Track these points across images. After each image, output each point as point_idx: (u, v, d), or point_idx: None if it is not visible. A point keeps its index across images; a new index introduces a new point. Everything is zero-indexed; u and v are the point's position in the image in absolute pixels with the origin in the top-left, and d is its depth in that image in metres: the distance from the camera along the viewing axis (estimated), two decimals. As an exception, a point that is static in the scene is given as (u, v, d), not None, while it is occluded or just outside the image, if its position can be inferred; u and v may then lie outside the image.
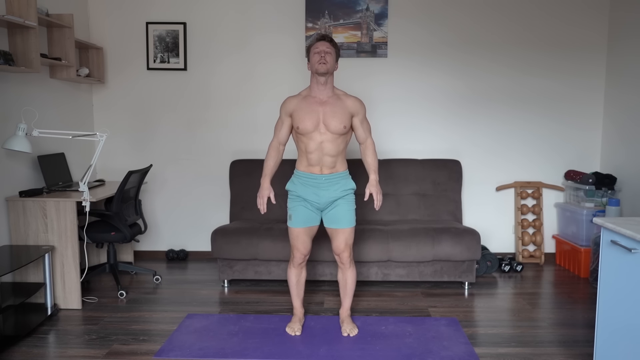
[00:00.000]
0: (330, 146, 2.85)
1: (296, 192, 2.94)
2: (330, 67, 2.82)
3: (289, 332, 3.04)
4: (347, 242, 2.95)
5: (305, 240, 2.97)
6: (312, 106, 2.85)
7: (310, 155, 2.87)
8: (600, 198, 4.24)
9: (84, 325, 3.19)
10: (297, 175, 2.95)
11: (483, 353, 2.81)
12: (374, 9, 4.44)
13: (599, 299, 2.29)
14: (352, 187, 2.96)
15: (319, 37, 2.89)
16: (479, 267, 4.16)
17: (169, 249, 4.70)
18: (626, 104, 4.19)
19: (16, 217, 3.35)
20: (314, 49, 2.85)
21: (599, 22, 4.45)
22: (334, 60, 2.86)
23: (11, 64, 3.17)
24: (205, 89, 4.57)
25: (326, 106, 2.84)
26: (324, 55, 2.80)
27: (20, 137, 3.25)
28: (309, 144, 2.85)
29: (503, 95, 4.54)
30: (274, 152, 2.98)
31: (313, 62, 2.82)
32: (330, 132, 2.83)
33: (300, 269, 3.05)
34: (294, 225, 2.95)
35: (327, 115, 2.82)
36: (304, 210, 2.93)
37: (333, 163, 2.89)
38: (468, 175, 4.61)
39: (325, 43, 2.84)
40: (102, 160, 4.60)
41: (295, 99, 2.91)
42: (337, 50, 2.90)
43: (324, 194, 2.89)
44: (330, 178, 2.89)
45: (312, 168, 2.89)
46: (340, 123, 2.82)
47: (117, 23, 4.51)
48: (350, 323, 3.08)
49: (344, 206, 2.92)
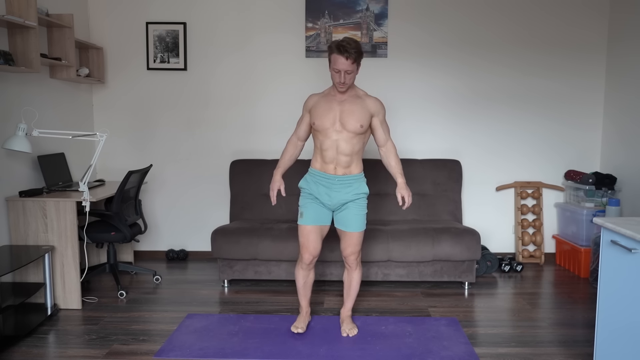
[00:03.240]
0: (345, 145, 2.81)
1: (308, 190, 2.91)
2: (350, 84, 2.77)
3: (293, 330, 3.01)
4: (354, 246, 2.92)
5: (315, 239, 2.90)
6: (330, 104, 2.82)
7: (325, 153, 2.83)
8: (600, 198, 4.24)
9: (84, 325, 3.19)
10: (311, 174, 2.92)
11: (483, 353, 2.81)
12: (374, 9, 4.44)
13: (599, 299, 2.29)
14: (365, 191, 2.91)
15: (339, 48, 2.66)
16: (479, 267, 4.16)
17: (169, 249, 4.70)
18: (626, 104, 4.19)
19: (16, 217, 3.35)
20: (333, 62, 2.70)
21: (599, 22, 4.45)
22: (355, 75, 2.77)
23: (11, 64, 3.17)
24: (205, 88, 4.57)
25: (345, 105, 2.81)
26: (344, 80, 2.71)
27: (20, 137, 3.25)
28: (325, 141, 2.83)
29: (503, 95, 4.54)
30: (291, 146, 2.99)
31: (333, 79, 2.75)
32: (346, 130, 2.79)
33: (308, 270, 3.00)
34: (305, 222, 2.89)
35: (345, 114, 2.79)
36: (316, 207, 2.89)
37: (348, 163, 2.84)
38: (468, 175, 4.61)
39: (345, 62, 2.66)
40: (102, 160, 4.60)
41: (317, 96, 2.91)
42: (359, 63, 2.73)
43: (335, 195, 2.86)
44: (343, 180, 2.85)
45: (326, 166, 2.85)
46: (357, 122, 2.78)
47: (117, 23, 4.51)
48: (350, 323, 3.08)
49: (354, 210, 2.88)
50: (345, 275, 3.06)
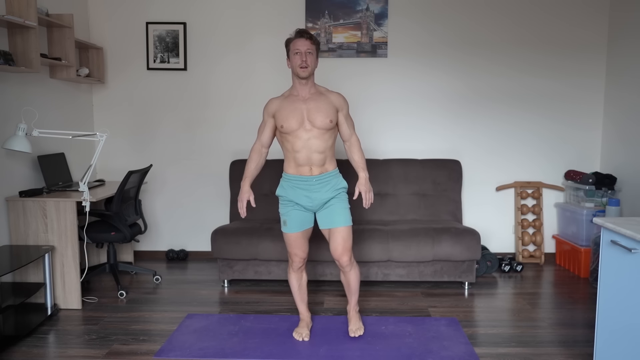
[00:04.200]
0: (317, 142, 2.78)
1: (287, 197, 2.86)
2: (312, 69, 2.76)
3: (297, 338, 2.97)
4: (344, 244, 2.83)
5: (302, 243, 2.90)
6: (295, 104, 2.80)
7: (298, 155, 2.80)
8: (600, 198, 4.24)
9: (84, 325, 3.19)
10: (286, 179, 2.87)
11: (483, 353, 2.81)
12: (374, 9, 4.44)
13: (599, 299, 2.29)
14: (344, 185, 2.89)
15: (297, 33, 2.77)
16: (479, 267, 4.16)
17: (169, 249, 4.70)
18: (626, 104, 4.19)
19: (16, 217, 3.35)
20: (293, 48, 2.74)
21: (599, 22, 4.45)
22: (315, 58, 2.79)
23: (11, 64, 3.18)
24: (205, 88, 4.57)
25: (309, 103, 2.79)
26: (305, 59, 2.71)
27: (20, 137, 3.25)
28: (296, 142, 2.79)
29: (503, 95, 4.54)
30: (256, 155, 2.90)
31: (294, 65, 2.75)
32: (316, 127, 2.77)
33: (300, 272, 2.99)
34: (290, 230, 2.86)
35: (312, 112, 2.77)
36: (298, 214, 2.86)
37: (322, 161, 2.82)
38: (468, 175, 4.61)
39: (305, 42, 2.73)
40: (102, 160, 4.60)
41: (278, 100, 2.86)
42: (317, 47, 2.79)
43: (316, 196, 2.82)
44: (321, 179, 2.82)
45: (301, 169, 2.81)
46: (326, 117, 2.77)
47: (117, 23, 4.51)
48: (357, 322, 3.04)
49: (338, 204, 2.84)
50: (342, 277, 3.01)
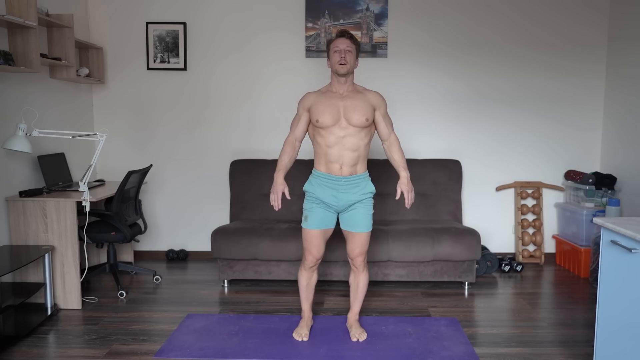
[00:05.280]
0: (352, 140, 2.76)
1: (314, 194, 2.83)
2: (351, 67, 2.76)
3: (296, 338, 2.96)
4: (362, 247, 2.86)
5: (319, 243, 2.87)
6: (331, 100, 2.78)
7: (330, 150, 2.77)
8: (600, 198, 4.24)
9: (84, 325, 3.19)
10: (316, 176, 2.84)
11: (483, 353, 2.81)
12: (374, 9, 4.44)
13: (599, 299, 2.29)
14: (372, 190, 2.87)
15: (339, 33, 2.80)
16: (479, 267, 4.16)
17: (169, 249, 4.70)
18: (626, 105, 4.19)
19: (16, 217, 3.35)
20: (333, 46, 2.77)
21: (599, 22, 4.45)
22: (355, 58, 2.79)
23: (11, 64, 3.17)
24: (205, 88, 4.57)
25: (347, 100, 2.77)
26: (344, 55, 2.73)
27: (20, 137, 3.25)
28: (329, 137, 2.76)
29: (503, 95, 4.54)
30: (289, 147, 2.88)
31: (333, 62, 2.76)
32: (352, 125, 2.75)
33: (312, 272, 2.97)
34: (310, 226, 2.84)
35: (349, 109, 2.75)
36: (321, 211, 2.83)
37: (354, 160, 2.78)
38: (468, 175, 4.61)
39: (345, 41, 2.76)
40: (102, 160, 4.60)
41: (314, 94, 2.85)
42: (357, 47, 2.80)
43: (343, 197, 2.80)
44: (350, 180, 2.79)
45: (331, 166, 2.78)
46: (362, 115, 2.75)
47: (117, 23, 4.51)
48: (359, 327, 3.03)
49: (362, 210, 2.83)
50: (351, 278, 3.00)
